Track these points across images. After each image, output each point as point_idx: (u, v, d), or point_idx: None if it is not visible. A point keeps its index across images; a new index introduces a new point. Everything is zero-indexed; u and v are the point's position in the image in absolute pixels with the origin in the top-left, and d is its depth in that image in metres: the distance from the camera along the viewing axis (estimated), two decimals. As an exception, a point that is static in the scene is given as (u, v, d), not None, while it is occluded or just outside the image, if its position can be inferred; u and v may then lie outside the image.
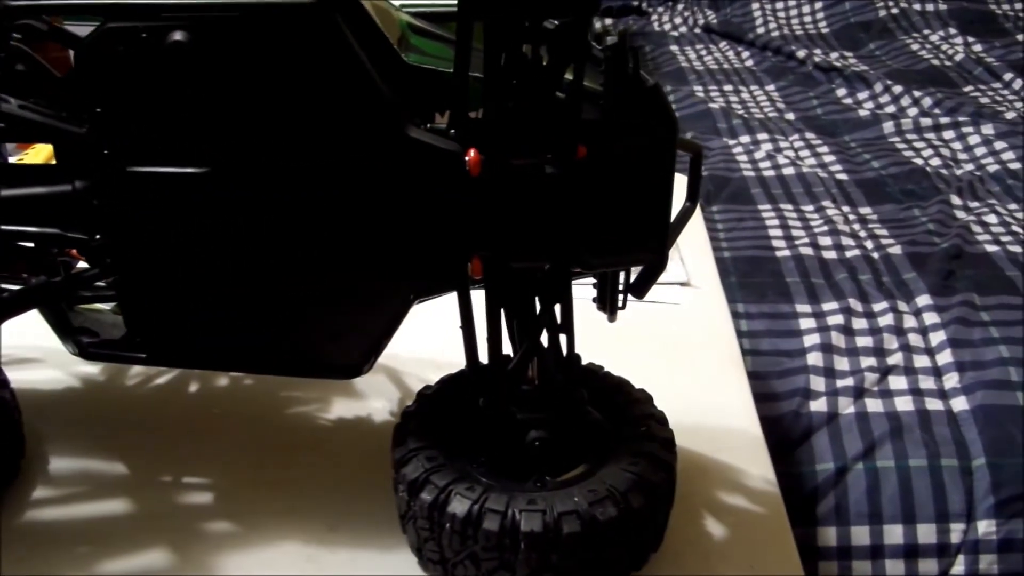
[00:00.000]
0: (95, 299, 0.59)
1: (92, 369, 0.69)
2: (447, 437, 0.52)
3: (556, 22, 0.45)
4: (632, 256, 0.51)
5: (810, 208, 1.40)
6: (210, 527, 0.54)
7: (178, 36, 0.46)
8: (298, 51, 0.46)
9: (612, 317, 0.55)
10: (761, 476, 0.59)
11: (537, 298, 0.51)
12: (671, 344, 0.72)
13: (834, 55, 2.06)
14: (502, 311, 0.50)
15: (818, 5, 2.29)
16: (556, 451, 0.51)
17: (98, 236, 0.51)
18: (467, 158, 0.46)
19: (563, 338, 0.52)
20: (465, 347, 0.52)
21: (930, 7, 2.18)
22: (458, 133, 0.48)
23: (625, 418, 0.54)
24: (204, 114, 0.48)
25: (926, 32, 2.10)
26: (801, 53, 2.05)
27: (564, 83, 0.46)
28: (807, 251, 1.27)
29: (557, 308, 0.52)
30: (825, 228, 1.33)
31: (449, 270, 0.49)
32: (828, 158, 1.57)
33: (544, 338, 0.52)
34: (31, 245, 0.56)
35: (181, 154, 0.48)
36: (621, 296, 0.54)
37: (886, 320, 1.11)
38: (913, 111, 1.74)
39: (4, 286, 0.58)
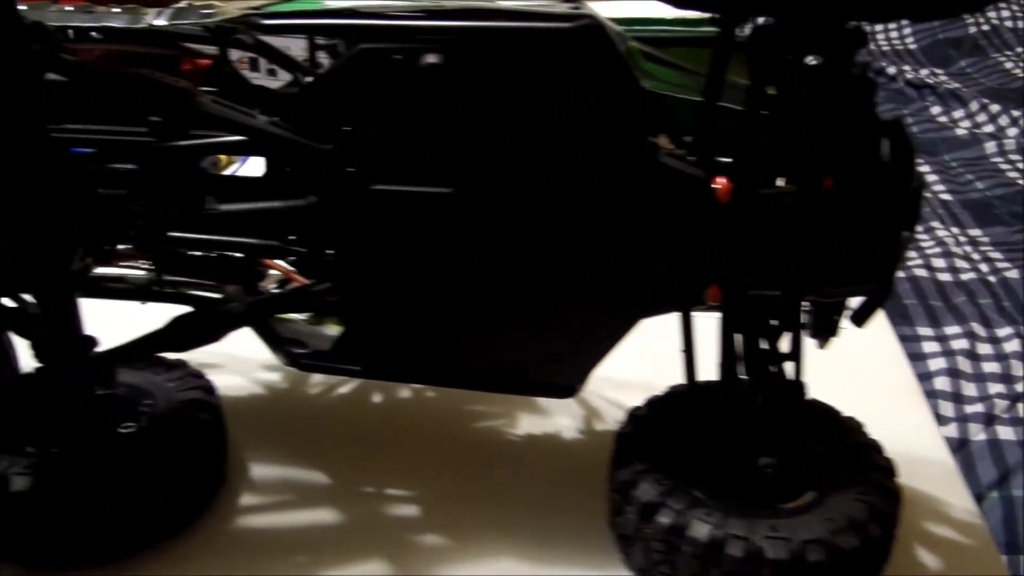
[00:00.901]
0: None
1: (273, 376, 0.70)
2: (668, 459, 0.52)
3: (817, 57, 0.45)
4: (861, 285, 0.51)
5: (919, 229, 1.39)
6: (422, 540, 0.55)
7: (432, 58, 0.47)
8: (558, 73, 0.46)
9: (824, 344, 0.55)
10: (962, 507, 0.58)
11: (760, 324, 0.51)
12: (843, 369, 0.71)
13: (924, 72, 2.04)
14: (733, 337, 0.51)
15: (905, 20, 2.27)
16: (785, 478, 0.51)
17: (328, 251, 0.52)
18: (716, 186, 0.47)
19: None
20: (685, 370, 0.52)
21: (1022, 24, 2.15)
22: (699, 160, 0.48)
23: (840, 446, 0.54)
24: (452, 135, 0.48)
25: (1019, 50, 2.08)
26: (891, 69, 2.03)
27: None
28: (921, 272, 1.26)
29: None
30: (937, 250, 1.32)
31: (686, 295, 0.50)
32: (930, 178, 1.56)
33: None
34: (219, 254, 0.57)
35: (425, 174, 0.49)
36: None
37: (1012, 346, 1.10)
38: (1013, 131, 1.72)
39: (212, 295, 0.60)
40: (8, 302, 0.58)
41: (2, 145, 0.47)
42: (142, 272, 0.62)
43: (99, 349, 0.54)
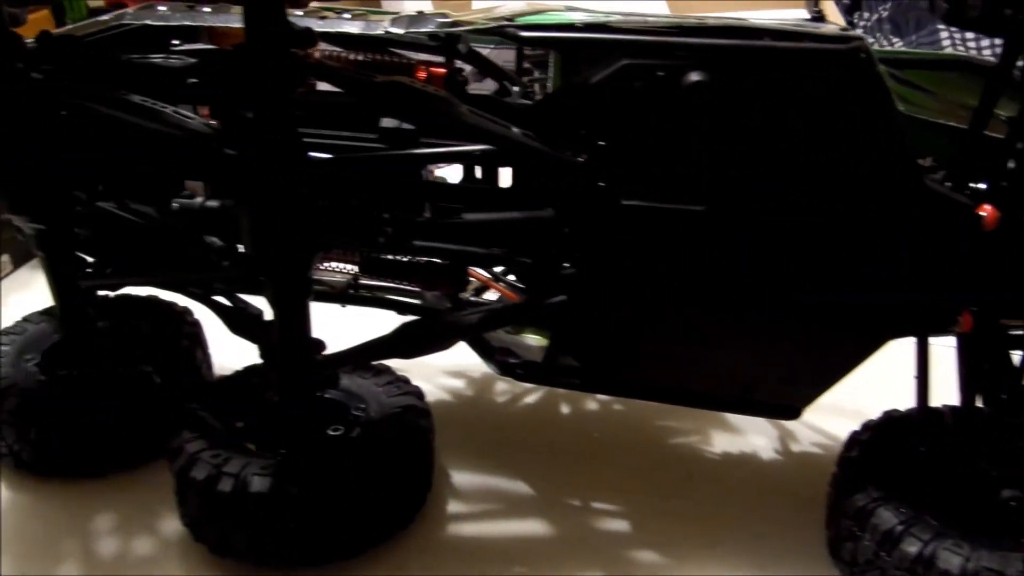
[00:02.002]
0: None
1: (456, 382, 0.70)
2: (901, 486, 0.51)
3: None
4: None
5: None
6: (637, 556, 0.55)
7: (696, 76, 0.46)
8: (825, 94, 0.46)
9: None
10: None
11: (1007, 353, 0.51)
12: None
13: (1032, 88, 2.00)
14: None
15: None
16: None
17: (565, 264, 0.52)
18: (982, 213, 0.46)
19: None
20: (918, 396, 0.51)
21: None
22: (956, 185, 0.48)
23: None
24: (710, 153, 0.48)
25: None
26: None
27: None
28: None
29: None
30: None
31: (939, 320, 0.49)
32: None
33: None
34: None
35: (678, 191, 0.49)
36: None
37: None
38: None
39: (409, 300, 0.60)
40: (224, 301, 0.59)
41: (265, 150, 0.47)
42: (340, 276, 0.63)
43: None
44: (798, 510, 0.56)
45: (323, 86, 0.53)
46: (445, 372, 0.70)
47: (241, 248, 0.54)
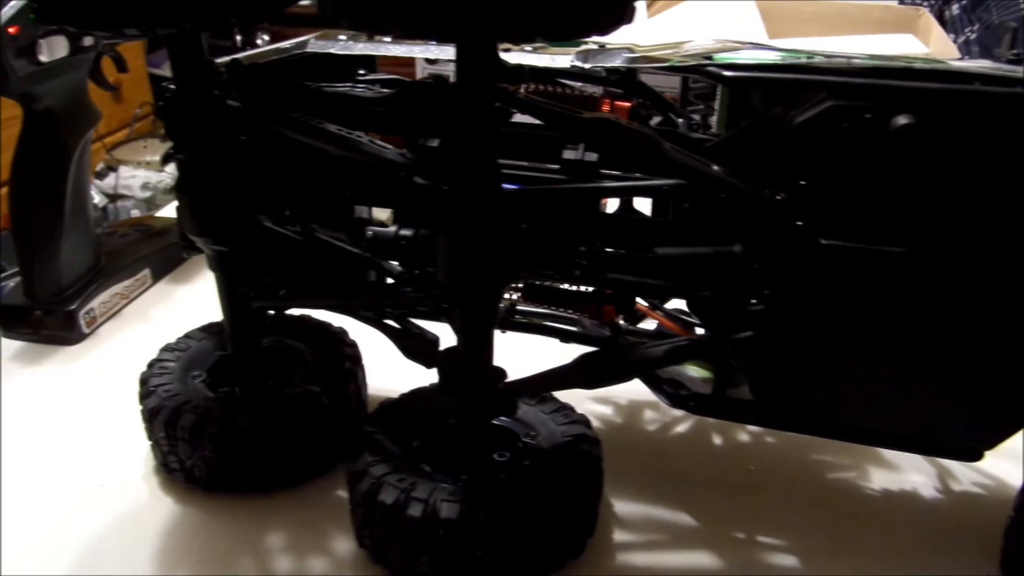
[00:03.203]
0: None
1: (603, 408, 0.70)
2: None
3: None
4: None
5: None
6: (811, 594, 0.55)
7: (904, 119, 0.46)
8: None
9: None
10: None
11: None
12: None
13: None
14: None
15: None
16: None
17: (753, 300, 0.52)
18: None
19: None
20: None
21: None
22: None
23: None
24: (914, 195, 0.48)
25: None
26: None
27: None
28: None
29: None
30: None
31: None
32: None
33: None
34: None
35: (877, 231, 0.49)
36: None
37: None
38: None
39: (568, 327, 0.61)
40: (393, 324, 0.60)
41: (469, 183, 0.48)
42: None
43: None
44: (968, 556, 0.56)
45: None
46: (589, 398, 0.70)
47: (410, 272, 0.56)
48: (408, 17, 0.40)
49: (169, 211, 1.04)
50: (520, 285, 0.62)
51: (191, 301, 0.87)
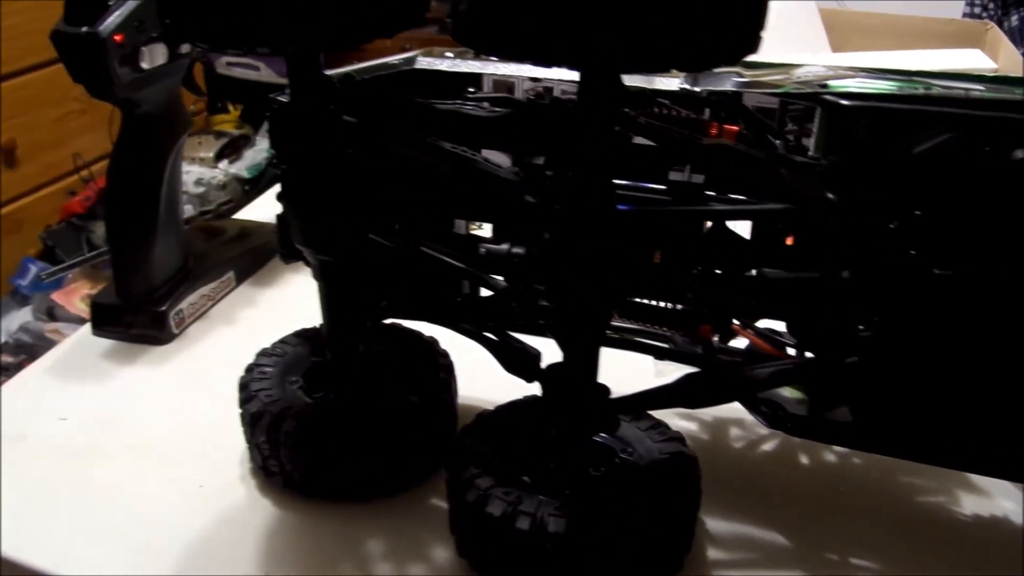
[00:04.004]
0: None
1: (688, 425, 0.71)
2: None
3: None
4: None
5: None
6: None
7: (1022, 154, 0.47)
8: None
9: None
10: None
11: None
12: None
13: None
14: None
15: None
16: None
17: (861, 327, 0.53)
18: None
19: None
20: None
21: None
22: None
23: None
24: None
25: None
26: None
27: None
28: None
29: None
30: None
31: None
32: None
33: None
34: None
35: (991, 262, 0.49)
36: None
37: None
38: None
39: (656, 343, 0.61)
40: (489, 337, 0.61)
41: (585, 205, 0.48)
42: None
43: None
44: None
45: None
46: (674, 414, 0.70)
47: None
48: (540, 48, 0.40)
49: (250, 213, 1.06)
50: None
51: (275, 304, 0.88)
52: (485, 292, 0.64)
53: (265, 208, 1.06)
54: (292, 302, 0.87)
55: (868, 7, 1.61)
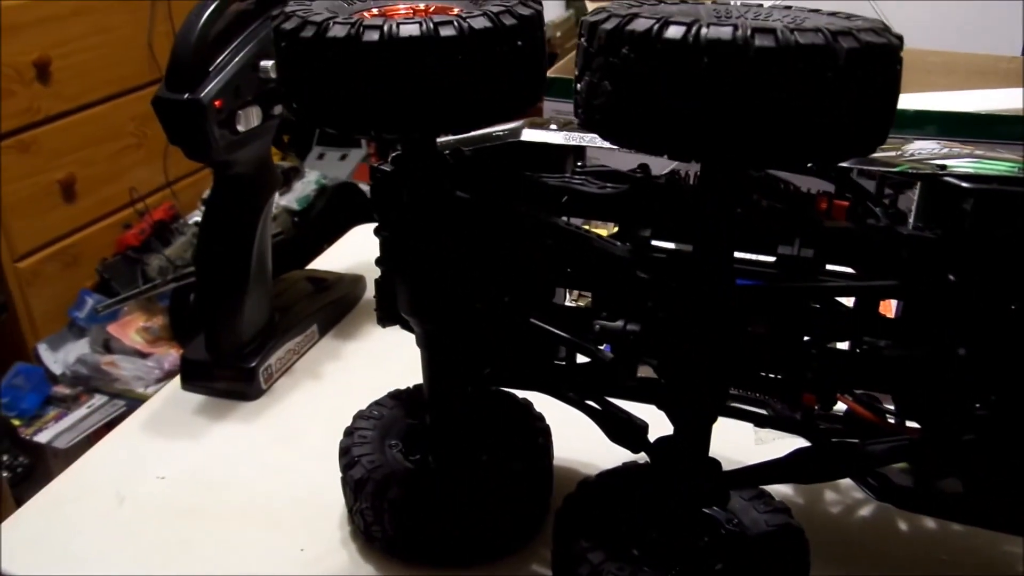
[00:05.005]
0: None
1: (784, 489, 0.71)
2: None
3: None
4: None
5: None
6: None
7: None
8: None
9: None
10: None
11: None
12: None
13: None
14: None
15: None
16: None
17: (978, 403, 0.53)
18: None
19: None
20: None
21: None
22: None
23: None
24: None
25: None
26: None
27: None
28: None
29: None
30: None
31: None
32: None
33: None
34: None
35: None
36: None
37: None
38: None
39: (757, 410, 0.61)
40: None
41: (707, 282, 0.49)
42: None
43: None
44: None
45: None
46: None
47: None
48: (668, 145, 0.41)
49: (325, 263, 1.07)
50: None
51: (359, 357, 0.89)
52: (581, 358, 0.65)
53: (341, 259, 1.07)
54: (375, 354, 0.88)
55: (930, 45, 1.60)
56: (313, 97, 0.49)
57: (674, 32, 0.41)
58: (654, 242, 0.54)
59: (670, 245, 0.54)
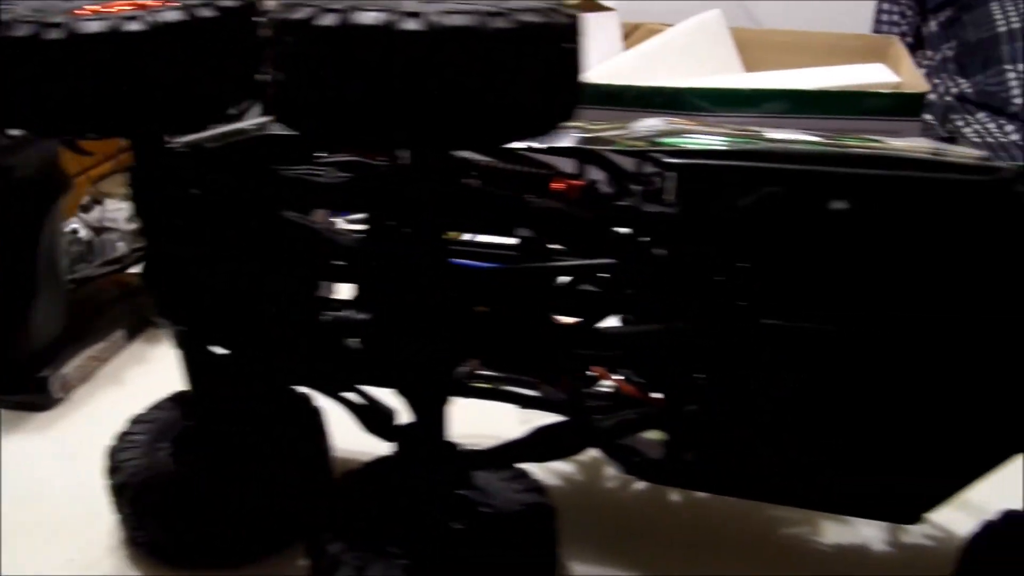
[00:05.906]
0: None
1: (565, 467, 0.72)
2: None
3: None
4: None
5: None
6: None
7: (840, 205, 0.49)
8: (969, 222, 0.48)
9: None
10: None
11: None
12: None
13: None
14: None
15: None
16: None
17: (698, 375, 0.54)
18: None
19: None
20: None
21: None
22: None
23: None
24: (846, 277, 0.50)
25: None
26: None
27: None
28: None
29: None
30: None
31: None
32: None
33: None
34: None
35: (814, 311, 0.51)
36: None
37: None
38: None
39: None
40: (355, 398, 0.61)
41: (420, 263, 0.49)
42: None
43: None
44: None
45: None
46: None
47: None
48: (371, 139, 0.41)
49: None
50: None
51: (165, 363, 0.87)
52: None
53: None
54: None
55: (781, 24, 1.63)
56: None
57: (328, 20, 0.41)
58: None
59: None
